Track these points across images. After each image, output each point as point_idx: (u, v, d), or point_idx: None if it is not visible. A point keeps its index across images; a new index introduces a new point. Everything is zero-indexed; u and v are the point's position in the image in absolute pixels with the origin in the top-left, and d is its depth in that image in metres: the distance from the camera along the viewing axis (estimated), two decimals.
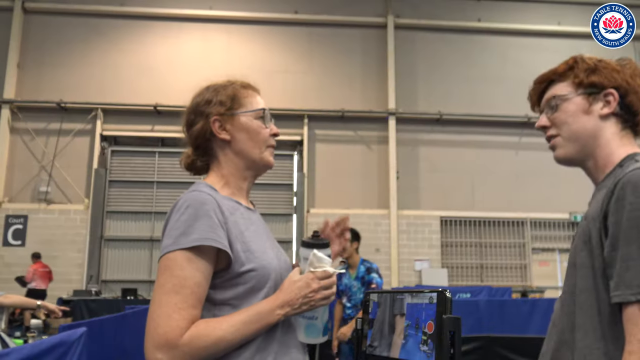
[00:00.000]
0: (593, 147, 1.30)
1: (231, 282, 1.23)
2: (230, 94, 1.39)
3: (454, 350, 0.97)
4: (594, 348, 1.16)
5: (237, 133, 1.37)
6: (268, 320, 1.21)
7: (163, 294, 1.16)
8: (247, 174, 1.40)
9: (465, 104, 12.32)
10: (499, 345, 4.94)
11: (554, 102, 1.36)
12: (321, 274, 1.26)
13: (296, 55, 12.19)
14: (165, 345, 1.12)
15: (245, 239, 1.26)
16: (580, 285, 1.21)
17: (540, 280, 12.04)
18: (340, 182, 11.80)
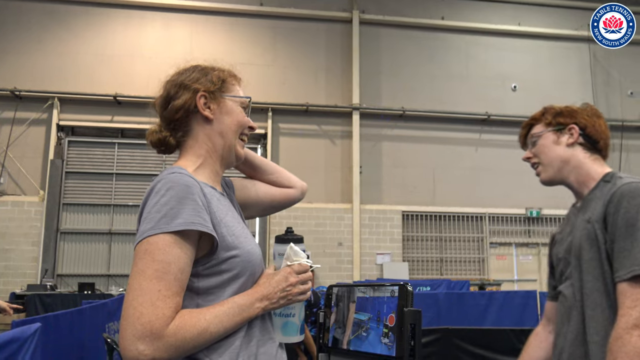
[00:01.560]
0: (568, 169, 1.70)
1: (215, 269, 1.18)
2: (220, 76, 1.37)
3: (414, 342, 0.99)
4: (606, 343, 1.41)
5: (220, 115, 1.34)
6: (249, 314, 1.18)
7: (144, 280, 1.08)
8: (223, 161, 1.37)
9: (428, 100, 12.50)
10: (457, 337, 5.05)
11: (533, 139, 1.79)
12: (298, 268, 1.24)
13: (260, 47, 12.09)
14: (149, 335, 1.04)
15: (227, 224, 1.22)
16: (587, 281, 1.51)
17: (497, 274, 12.37)
18: (303, 176, 11.58)
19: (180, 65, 1.41)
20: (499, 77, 12.88)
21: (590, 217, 1.55)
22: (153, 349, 1.04)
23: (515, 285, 12.43)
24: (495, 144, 12.61)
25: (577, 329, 1.51)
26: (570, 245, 1.60)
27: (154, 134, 1.37)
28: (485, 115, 12.47)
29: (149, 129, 1.39)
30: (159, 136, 1.35)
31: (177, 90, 1.33)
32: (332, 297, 1.21)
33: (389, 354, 1.02)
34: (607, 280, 1.46)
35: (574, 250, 1.57)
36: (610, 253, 1.45)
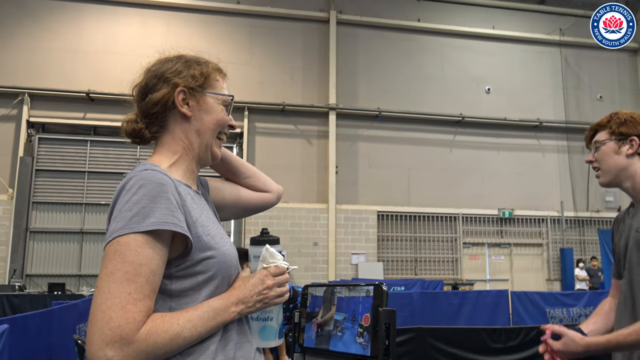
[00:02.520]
0: (625, 176, 1.85)
1: (190, 271, 1.13)
2: (203, 71, 1.30)
3: (388, 342, 0.99)
4: None
5: (199, 112, 1.28)
6: (224, 318, 1.13)
7: (113, 282, 1.02)
8: (198, 159, 1.31)
9: (404, 101, 12.60)
10: (431, 336, 5.10)
11: (596, 144, 1.91)
12: (275, 270, 1.20)
13: (237, 46, 12.02)
14: (118, 341, 0.98)
15: (202, 224, 1.17)
16: (636, 282, 1.76)
17: (470, 273, 12.54)
18: (279, 176, 11.77)
19: (164, 53, 1.34)
20: (473, 79, 13.07)
21: (638, 227, 1.77)
22: (122, 355, 0.98)
23: (487, 284, 12.63)
24: (469, 145, 12.78)
25: (630, 315, 1.76)
26: (625, 247, 1.83)
27: (129, 122, 1.30)
28: (459, 117, 12.63)
29: (126, 117, 1.32)
30: (134, 127, 1.28)
31: (156, 82, 1.27)
32: (308, 297, 1.21)
33: (363, 353, 1.02)
34: None
35: (628, 253, 1.80)
36: None
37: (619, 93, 14.04)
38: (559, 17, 13.88)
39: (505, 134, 12.96)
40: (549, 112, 13.34)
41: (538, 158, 13.21)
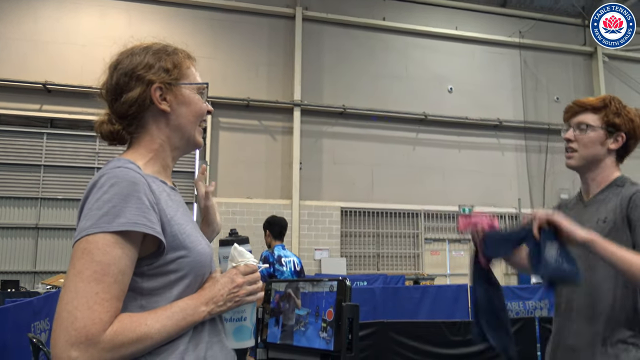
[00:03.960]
0: (595, 167, 1.78)
1: (162, 270, 1.11)
2: (175, 61, 1.26)
3: (351, 336, 1.01)
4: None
5: (177, 106, 1.25)
6: (193, 318, 1.11)
7: (81, 281, 1.00)
8: (177, 152, 1.29)
9: (368, 99, 12.69)
10: (392, 330, 5.18)
11: (584, 127, 1.79)
12: (244, 269, 1.20)
13: (200, 39, 11.84)
14: (84, 341, 0.96)
15: (178, 222, 1.15)
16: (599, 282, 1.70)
17: (431, 269, 12.76)
18: (243, 172, 11.70)
19: (127, 44, 1.28)
20: (436, 78, 13.26)
21: (606, 218, 1.69)
22: (87, 356, 0.96)
23: (447, 279, 12.88)
24: (431, 143, 12.99)
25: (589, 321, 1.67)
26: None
27: (104, 125, 1.25)
28: (422, 115, 12.81)
29: (98, 119, 1.27)
30: (111, 129, 1.24)
31: (127, 80, 1.22)
32: (271, 292, 1.21)
33: (326, 348, 1.03)
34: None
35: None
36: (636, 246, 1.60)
37: (574, 95, 14.51)
38: (519, 20, 14.23)
39: (466, 132, 13.22)
40: (509, 112, 13.68)
41: (497, 157, 13.53)
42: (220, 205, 11.35)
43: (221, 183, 11.54)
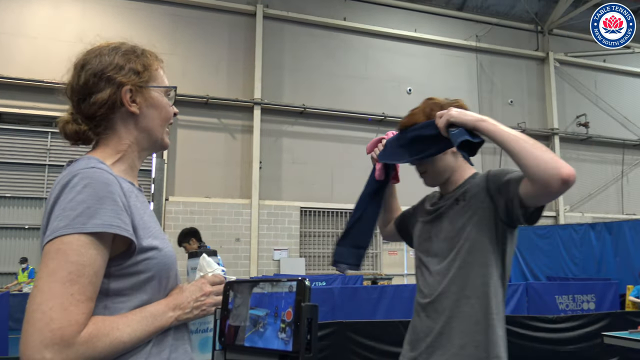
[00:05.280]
0: (448, 174, 1.83)
1: (130, 270, 1.10)
2: (145, 63, 1.24)
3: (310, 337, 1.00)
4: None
5: (146, 108, 1.24)
6: (161, 324, 1.11)
7: (55, 282, 0.98)
8: (144, 153, 1.28)
9: (328, 98, 12.74)
10: (350, 330, 5.21)
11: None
12: (212, 278, 1.21)
13: (159, 35, 11.61)
14: (59, 342, 0.95)
15: (145, 225, 1.15)
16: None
17: (389, 268, 12.93)
18: (201, 170, 11.54)
19: (94, 43, 1.26)
20: (395, 79, 13.44)
21: (464, 195, 1.74)
22: (61, 358, 0.95)
23: (405, 279, 13.07)
24: None
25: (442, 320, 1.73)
26: (453, 240, 1.74)
27: (68, 124, 1.22)
28: (382, 116, 12.95)
29: (62, 118, 1.24)
30: (76, 128, 1.21)
31: (97, 81, 1.20)
32: (230, 294, 1.19)
33: (285, 348, 1.02)
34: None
35: (464, 250, 1.70)
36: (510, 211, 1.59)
37: (527, 98, 14.99)
38: (476, 24, 14.59)
39: None
40: None
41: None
42: (177, 204, 11.16)
43: (179, 182, 11.35)
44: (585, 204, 15.00)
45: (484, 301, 1.64)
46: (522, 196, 1.52)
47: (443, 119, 1.60)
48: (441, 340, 1.67)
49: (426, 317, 1.75)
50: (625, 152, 15.68)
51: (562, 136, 14.90)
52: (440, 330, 1.68)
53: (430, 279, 1.77)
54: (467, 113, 1.58)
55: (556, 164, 1.39)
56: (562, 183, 1.38)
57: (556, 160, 1.41)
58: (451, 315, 1.67)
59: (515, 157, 1.46)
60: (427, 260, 1.81)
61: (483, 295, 1.64)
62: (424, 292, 1.79)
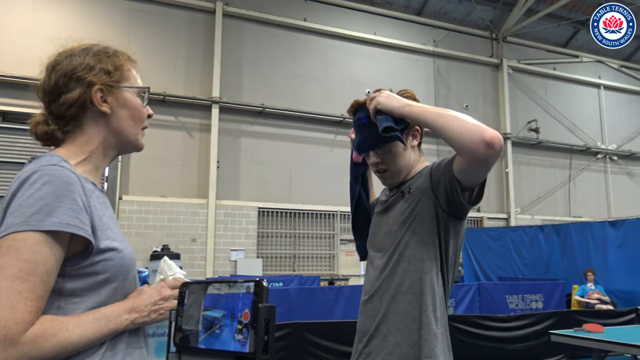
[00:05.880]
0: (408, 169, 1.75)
1: (86, 271, 1.09)
2: (116, 63, 1.24)
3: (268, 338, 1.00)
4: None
5: (118, 109, 1.22)
6: (115, 326, 1.10)
7: (4, 279, 0.96)
8: (112, 153, 1.26)
9: (288, 99, 12.72)
10: (307, 330, 5.22)
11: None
12: (172, 282, 1.20)
13: (115, 28, 11.31)
14: (3, 341, 0.93)
15: (105, 226, 1.13)
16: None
17: (346, 269, 13.01)
18: (157, 169, 11.30)
19: (64, 45, 1.25)
20: (354, 81, 13.54)
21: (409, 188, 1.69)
22: (4, 357, 0.93)
23: (361, 279, 13.18)
24: (348, 145, 13.19)
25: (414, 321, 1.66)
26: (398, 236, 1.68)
27: (39, 125, 1.21)
28: (340, 118, 13.03)
29: (33, 119, 1.23)
30: (46, 129, 1.20)
31: (67, 81, 1.18)
32: (185, 294, 1.17)
33: (242, 350, 1.01)
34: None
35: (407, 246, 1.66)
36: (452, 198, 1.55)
37: (482, 103, 15.40)
38: (434, 29, 14.88)
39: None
40: None
41: None
42: (132, 204, 10.90)
43: (134, 181, 11.09)
44: (535, 206, 15.52)
45: (419, 297, 1.57)
46: (457, 175, 1.47)
47: (372, 104, 1.60)
48: (378, 339, 1.62)
49: (365, 315, 1.70)
50: (572, 157, 16.32)
51: (514, 141, 15.38)
52: (377, 327, 1.63)
53: (372, 275, 1.72)
54: (394, 99, 1.56)
55: (478, 129, 1.36)
56: (487, 146, 1.33)
57: (478, 125, 1.37)
58: (387, 312, 1.61)
59: (440, 133, 1.43)
60: (373, 255, 1.76)
61: (419, 291, 1.58)
62: (365, 289, 1.75)
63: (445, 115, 1.44)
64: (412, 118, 1.54)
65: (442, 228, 1.60)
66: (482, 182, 1.51)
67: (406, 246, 1.61)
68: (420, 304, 1.57)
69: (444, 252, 1.62)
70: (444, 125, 1.42)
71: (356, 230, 2.04)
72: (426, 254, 1.59)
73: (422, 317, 1.56)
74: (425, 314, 1.56)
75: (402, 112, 1.53)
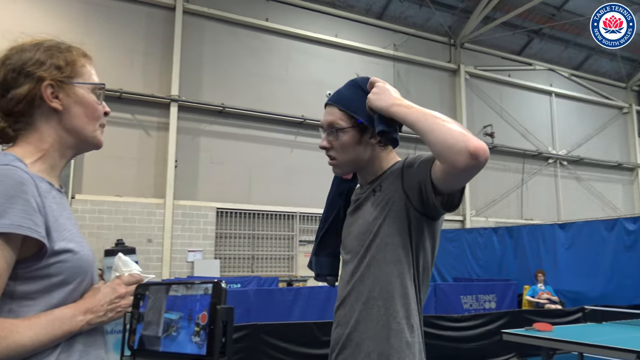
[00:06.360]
0: (366, 164, 1.63)
1: (40, 273, 1.05)
2: (68, 59, 1.19)
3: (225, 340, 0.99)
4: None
5: (71, 105, 1.18)
6: (70, 328, 1.06)
7: None
8: (69, 152, 1.22)
9: (248, 99, 12.63)
10: (265, 332, 5.20)
11: (334, 130, 1.64)
12: (128, 279, 1.17)
13: (70, 21, 10.96)
14: None
15: (60, 227, 1.09)
16: None
17: (305, 270, 13.01)
18: (112, 168, 11.01)
19: (17, 40, 1.21)
20: (315, 83, 13.57)
21: (381, 187, 1.59)
22: None
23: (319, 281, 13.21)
24: (309, 146, 13.26)
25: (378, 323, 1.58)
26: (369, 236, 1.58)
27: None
28: (301, 119, 13.04)
29: None
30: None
31: (16, 76, 1.15)
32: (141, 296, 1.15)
33: (199, 352, 1.00)
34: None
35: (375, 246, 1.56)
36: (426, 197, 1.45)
37: (440, 107, 15.65)
38: (394, 33, 15.09)
39: None
40: None
41: None
42: (85, 203, 10.60)
43: (87, 179, 10.78)
44: (489, 209, 15.95)
45: (390, 303, 1.47)
46: (434, 179, 1.37)
47: (367, 103, 1.55)
48: (351, 347, 1.51)
49: (337, 322, 1.60)
50: (525, 162, 16.86)
51: None
52: (349, 336, 1.53)
53: (344, 279, 1.61)
54: (383, 98, 1.52)
55: (464, 137, 1.27)
56: (470, 156, 1.25)
57: (464, 134, 1.29)
58: (359, 320, 1.50)
59: (423, 136, 1.35)
60: (345, 258, 1.65)
61: (390, 297, 1.47)
62: (338, 295, 1.64)
63: (431, 117, 1.39)
64: (399, 118, 1.47)
65: (414, 229, 1.49)
66: (461, 189, 1.41)
67: (377, 249, 1.50)
68: (392, 310, 1.46)
69: (417, 255, 1.51)
70: (427, 129, 1.36)
71: (320, 245, 1.89)
72: (398, 257, 1.48)
73: (393, 325, 1.46)
74: (396, 321, 1.46)
75: (390, 112, 1.48)
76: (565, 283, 9.82)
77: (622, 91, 19.76)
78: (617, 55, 17.94)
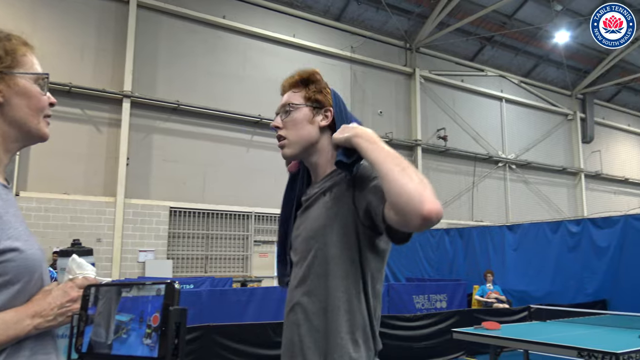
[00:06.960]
0: (314, 151, 1.59)
1: None
2: (8, 48, 1.14)
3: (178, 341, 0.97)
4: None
5: (13, 97, 1.13)
6: (16, 332, 1.01)
7: None
8: (13, 145, 1.16)
9: (204, 96, 12.46)
10: (218, 333, 5.14)
11: (288, 107, 1.65)
12: (81, 282, 1.12)
13: (16, 13, 10.51)
14: None
15: (5, 225, 1.04)
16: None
17: (259, 271, 12.94)
18: (60, 164, 10.63)
19: None
20: (272, 82, 13.42)
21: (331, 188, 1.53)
22: None
23: (274, 281, 13.17)
24: (265, 146, 13.20)
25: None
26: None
27: None
28: (257, 118, 12.96)
29: None
30: None
31: None
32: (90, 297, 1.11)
33: (150, 355, 0.98)
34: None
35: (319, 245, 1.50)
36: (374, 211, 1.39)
37: (395, 110, 15.95)
38: (352, 35, 15.21)
39: None
40: None
41: None
42: (30, 200, 10.19)
43: (33, 176, 10.36)
44: None
45: (335, 317, 1.42)
46: (385, 216, 1.31)
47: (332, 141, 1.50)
48: (299, 358, 1.45)
49: (287, 328, 1.53)
50: (476, 165, 17.34)
51: (424, 147, 16.06)
52: (299, 344, 1.46)
53: (292, 283, 1.55)
54: (347, 129, 1.45)
55: (420, 198, 1.19)
56: (422, 220, 1.19)
57: (421, 192, 1.21)
58: (304, 333, 1.45)
59: (381, 180, 1.28)
60: (294, 259, 1.58)
61: (335, 310, 1.42)
62: (287, 298, 1.56)
63: (393, 162, 1.27)
64: (360, 152, 1.38)
65: (363, 243, 1.44)
66: None
67: (324, 261, 1.44)
68: (335, 324, 1.41)
69: (365, 269, 1.45)
70: (387, 175, 1.25)
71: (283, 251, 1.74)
72: (345, 271, 1.43)
73: (337, 340, 1.40)
74: (340, 335, 1.40)
75: (352, 143, 1.39)
76: (512, 283, 10.16)
77: (567, 99, 20.63)
78: (564, 64, 18.71)
